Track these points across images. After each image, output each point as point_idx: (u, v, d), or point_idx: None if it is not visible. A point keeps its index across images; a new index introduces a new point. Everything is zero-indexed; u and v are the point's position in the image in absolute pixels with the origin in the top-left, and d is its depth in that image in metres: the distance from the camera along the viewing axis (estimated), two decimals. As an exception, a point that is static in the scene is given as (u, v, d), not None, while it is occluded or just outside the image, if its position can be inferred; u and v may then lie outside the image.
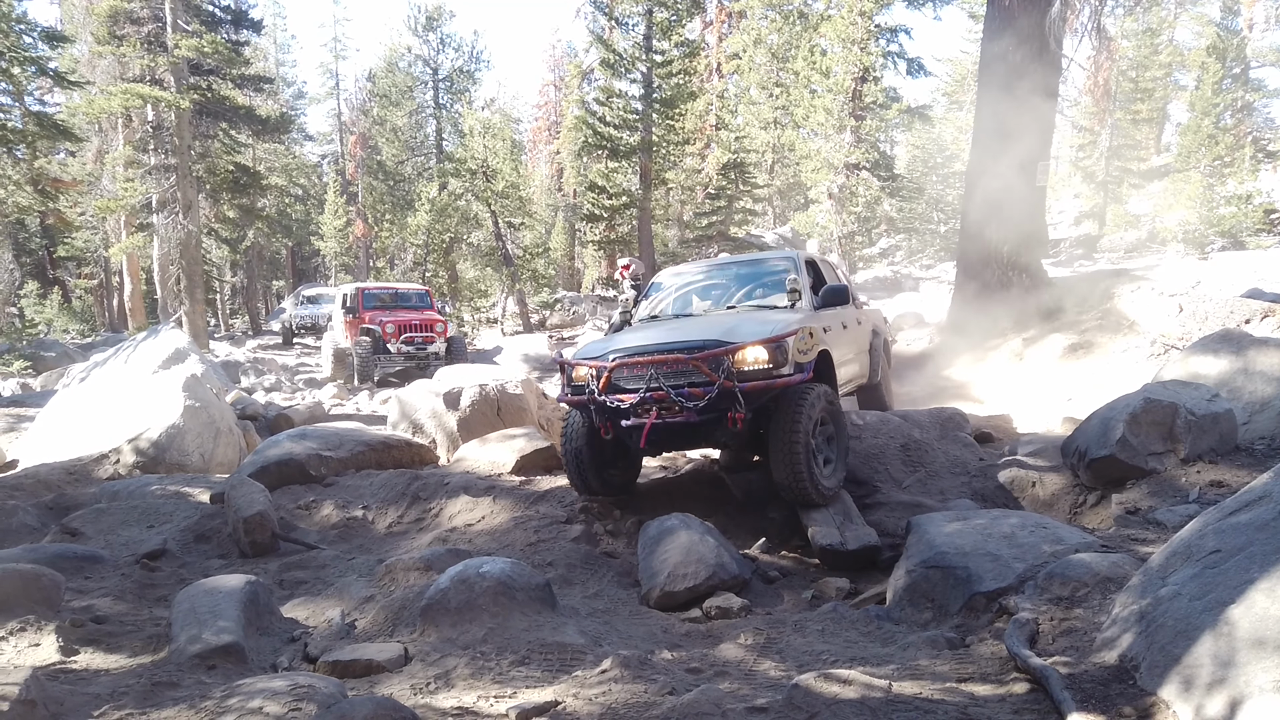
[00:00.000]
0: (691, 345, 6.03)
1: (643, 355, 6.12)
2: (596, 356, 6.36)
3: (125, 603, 5.45)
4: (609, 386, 6.15)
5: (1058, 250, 29.04)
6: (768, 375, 5.91)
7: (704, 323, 6.84)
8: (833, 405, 6.39)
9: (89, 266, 40.82)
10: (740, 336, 6.04)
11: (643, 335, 6.57)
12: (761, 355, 5.94)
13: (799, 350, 6.03)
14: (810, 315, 6.86)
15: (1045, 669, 3.34)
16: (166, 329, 13.41)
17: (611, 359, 6.17)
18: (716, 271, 8.30)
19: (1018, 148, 14.11)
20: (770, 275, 7.76)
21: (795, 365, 6.00)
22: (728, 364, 5.84)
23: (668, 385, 5.92)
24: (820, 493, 6.04)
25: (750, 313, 7.00)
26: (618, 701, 3.63)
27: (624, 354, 6.18)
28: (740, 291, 7.78)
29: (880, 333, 9.46)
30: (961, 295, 15.29)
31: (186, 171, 24.26)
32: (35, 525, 7.18)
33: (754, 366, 5.91)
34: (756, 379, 5.89)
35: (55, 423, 11.37)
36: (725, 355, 5.87)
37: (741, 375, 5.89)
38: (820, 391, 6.19)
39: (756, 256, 8.57)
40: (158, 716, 3.64)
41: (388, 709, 3.29)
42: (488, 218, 33.69)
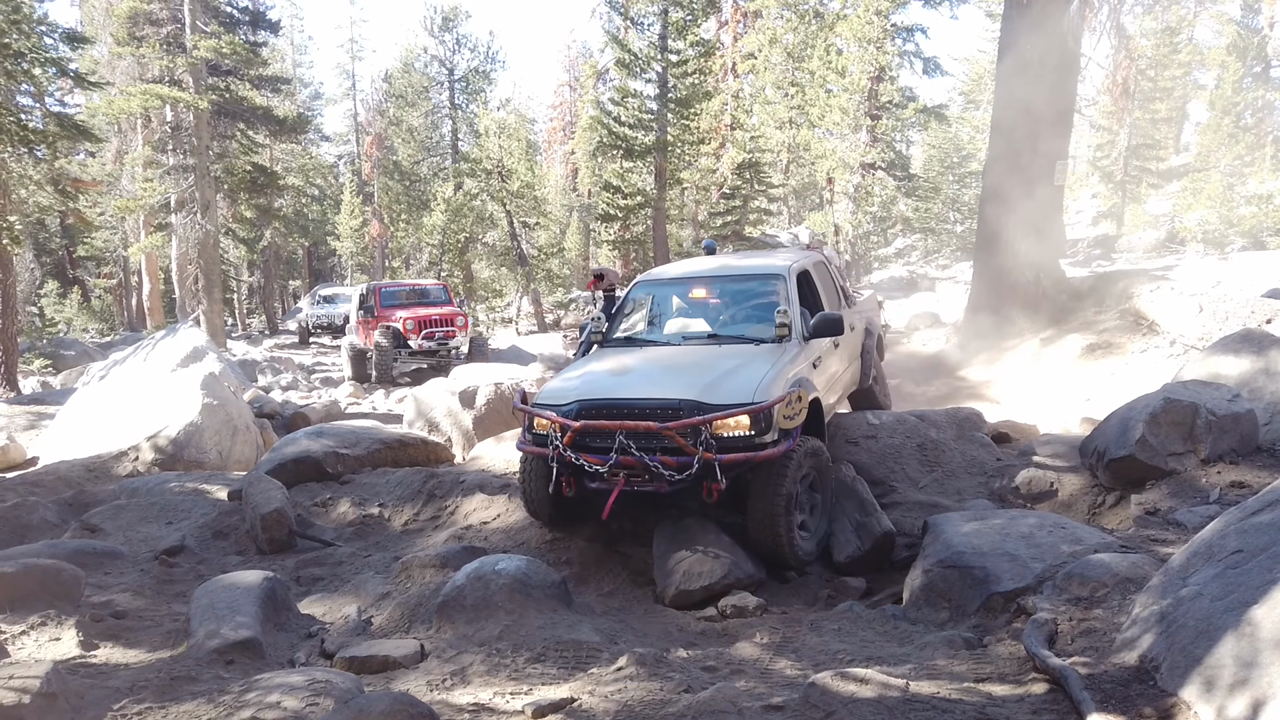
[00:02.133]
0: (666, 405, 5.44)
1: (612, 412, 5.54)
2: (561, 405, 5.75)
3: (144, 598, 5.49)
4: (576, 444, 5.58)
5: (1075, 250, 28.85)
6: (749, 445, 5.37)
7: (680, 368, 6.10)
8: (819, 461, 5.90)
9: (108, 266, 41.18)
10: (720, 396, 5.46)
11: (611, 380, 5.99)
12: (744, 422, 5.39)
13: (785, 416, 5.44)
14: (798, 353, 6.24)
15: (1064, 669, 3.32)
16: (185, 328, 13.51)
17: (578, 417, 5.59)
18: (699, 286, 7.40)
19: (1035, 147, 14.02)
20: (757, 297, 6.95)
21: (780, 433, 5.45)
22: (706, 434, 5.28)
23: (639, 452, 5.37)
24: (798, 559, 5.65)
25: (732, 355, 6.21)
26: (634, 699, 3.62)
27: (591, 406, 5.62)
28: (723, 315, 7.07)
29: (874, 330, 8.67)
30: (978, 295, 15.21)
31: (205, 171, 24.43)
32: (55, 521, 7.24)
33: (734, 433, 5.38)
34: (736, 449, 5.36)
35: (75, 420, 11.48)
36: (702, 425, 5.28)
37: (720, 443, 5.36)
38: (809, 449, 5.74)
39: (743, 270, 7.53)
40: (176, 710, 3.66)
41: (404, 705, 3.30)
42: (503, 218, 33.77)
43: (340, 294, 31.31)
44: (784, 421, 5.43)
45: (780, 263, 7.24)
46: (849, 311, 7.89)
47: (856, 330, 8.03)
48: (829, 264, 8.10)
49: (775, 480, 5.47)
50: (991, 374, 13.21)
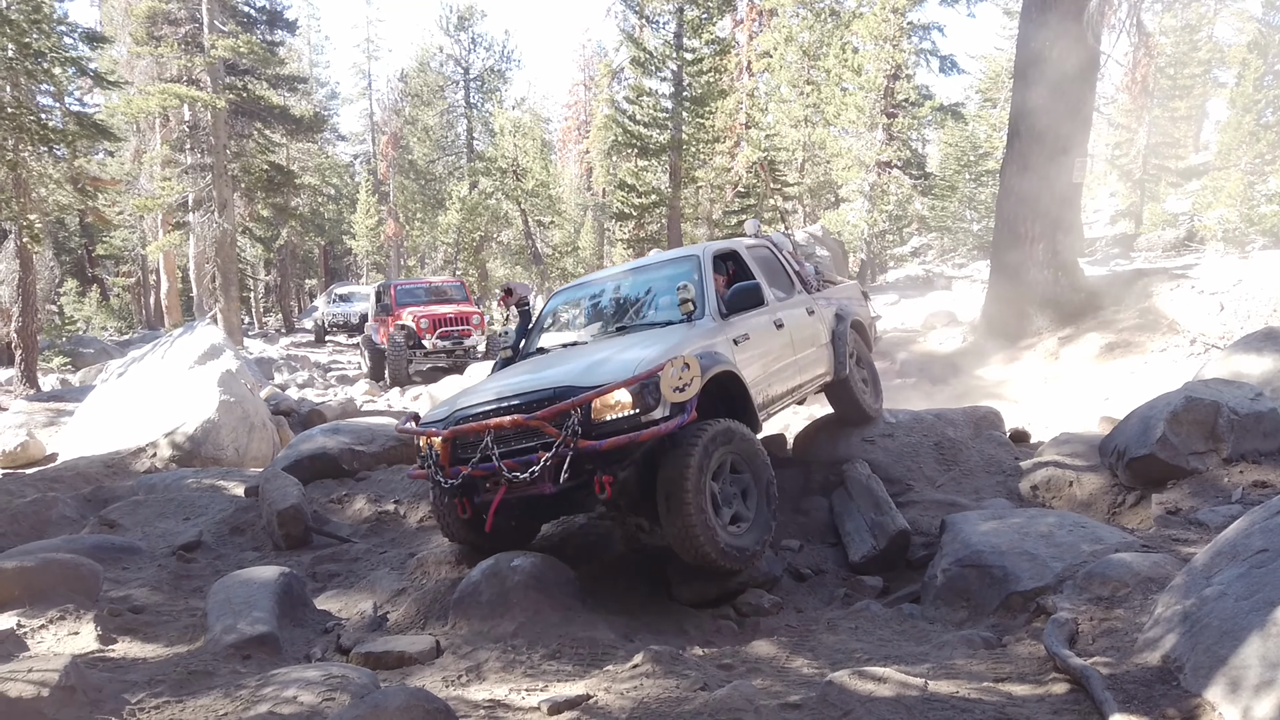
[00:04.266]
0: (538, 396, 4.92)
1: (484, 416, 5.06)
2: (438, 421, 5.33)
3: (162, 593, 5.52)
4: (452, 458, 5.12)
5: (1093, 249, 28.59)
6: (634, 425, 4.75)
7: (569, 360, 5.59)
8: (738, 443, 5.20)
9: (127, 265, 41.48)
10: (599, 377, 4.87)
11: (492, 386, 5.52)
12: (623, 400, 4.77)
13: (674, 386, 4.76)
14: (711, 330, 5.67)
15: (1086, 669, 3.28)
16: (202, 325, 13.59)
17: (447, 427, 5.17)
18: (613, 284, 6.97)
19: (1053, 145, 13.91)
20: (670, 282, 6.36)
21: (671, 407, 4.81)
22: (574, 419, 4.69)
23: (511, 452, 4.89)
24: (726, 554, 4.90)
25: (631, 339, 5.72)
26: (650, 696, 3.61)
27: (465, 415, 5.16)
28: (635, 307, 6.56)
29: (848, 316, 7.77)
30: (995, 294, 15.11)
31: (222, 170, 24.57)
32: (74, 517, 7.29)
33: (616, 415, 4.78)
34: (618, 431, 4.74)
35: (94, 417, 11.56)
36: (571, 409, 4.70)
37: (600, 428, 4.77)
38: (718, 432, 5.03)
39: (658, 259, 7.11)
40: (194, 705, 3.67)
41: (420, 700, 3.30)
42: (518, 216, 33.85)
43: (356, 293, 31.40)
44: (672, 394, 4.75)
45: (694, 248, 6.78)
46: (806, 297, 7.32)
47: (821, 315, 7.36)
48: (776, 249, 7.52)
49: (679, 468, 4.78)
50: (1009, 373, 13.12)
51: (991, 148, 32.36)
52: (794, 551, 6.20)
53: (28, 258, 17.81)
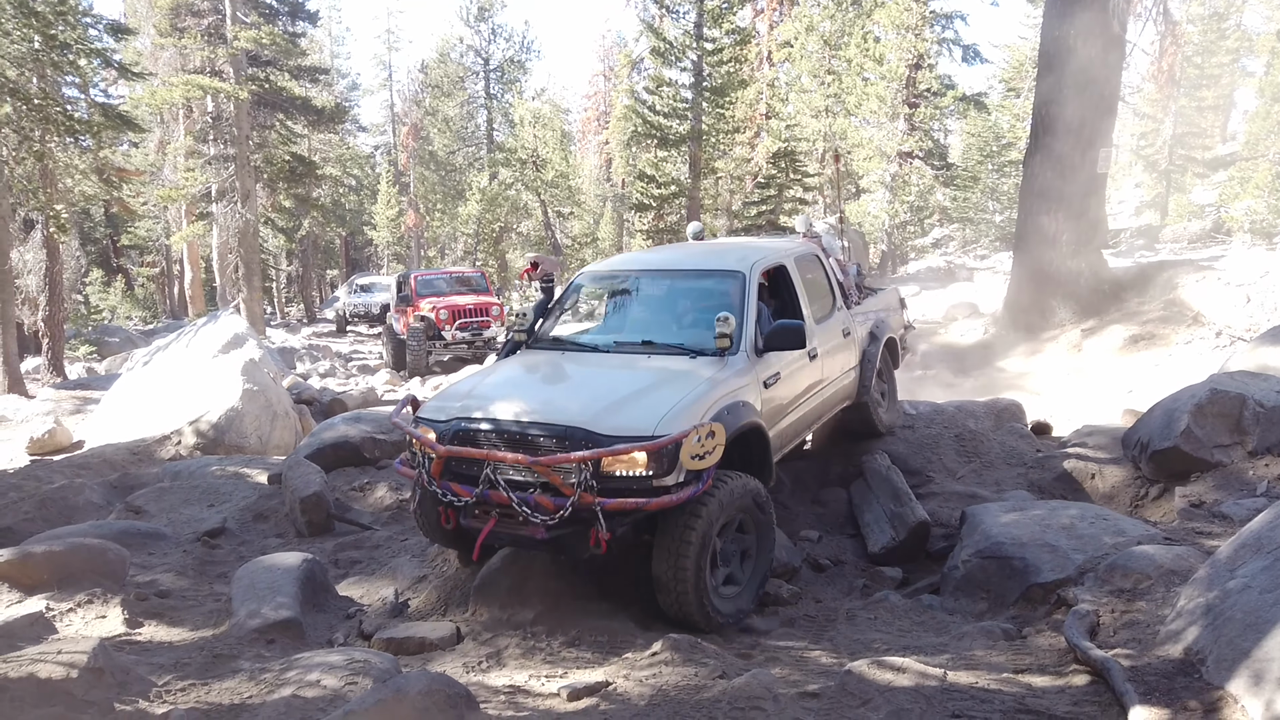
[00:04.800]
0: (551, 431, 4.47)
1: (488, 436, 4.65)
2: (440, 422, 4.86)
3: (187, 578, 5.60)
4: (445, 471, 4.74)
5: (1118, 241, 28.31)
6: (644, 489, 4.31)
7: (587, 383, 5.20)
8: (751, 502, 4.78)
9: (151, 255, 41.91)
10: (617, 424, 4.40)
11: (503, 394, 5.00)
12: (639, 460, 4.31)
13: (694, 454, 4.31)
14: (742, 370, 5.12)
15: (1107, 661, 3.27)
16: (226, 314, 13.71)
17: (453, 439, 4.71)
18: (647, 281, 6.31)
19: (1078, 135, 13.77)
20: (708, 299, 5.72)
21: (686, 474, 4.37)
22: (587, 473, 4.26)
23: (508, 488, 4.46)
24: (712, 622, 4.54)
25: (657, 370, 5.15)
26: (669, 684, 3.63)
27: (468, 429, 4.72)
28: (666, 318, 5.94)
29: (882, 335, 7.22)
30: (1018, 285, 14.99)
31: (245, 161, 24.74)
32: (101, 503, 7.39)
33: (627, 472, 4.33)
34: (627, 494, 4.30)
35: (120, 405, 11.71)
36: (585, 462, 4.26)
37: (608, 485, 4.31)
38: (735, 492, 4.63)
39: (697, 265, 6.31)
40: (219, 687, 3.72)
41: (441, 685, 3.33)
42: (537, 207, 33.88)
43: (377, 283, 31.56)
44: (691, 462, 4.32)
45: (742, 259, 5.92)
46: (846, 315, 6.78)
47: (855, 336, 6.83)
48: (824, 257, 6.91)
49: (684, 530, 4.41)
50: (1031, 365, 13.03)
51: (1015, 138, 32.03)
52: (813, 543, 6.20)
53: (54, 247, 18.04)
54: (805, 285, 6.22)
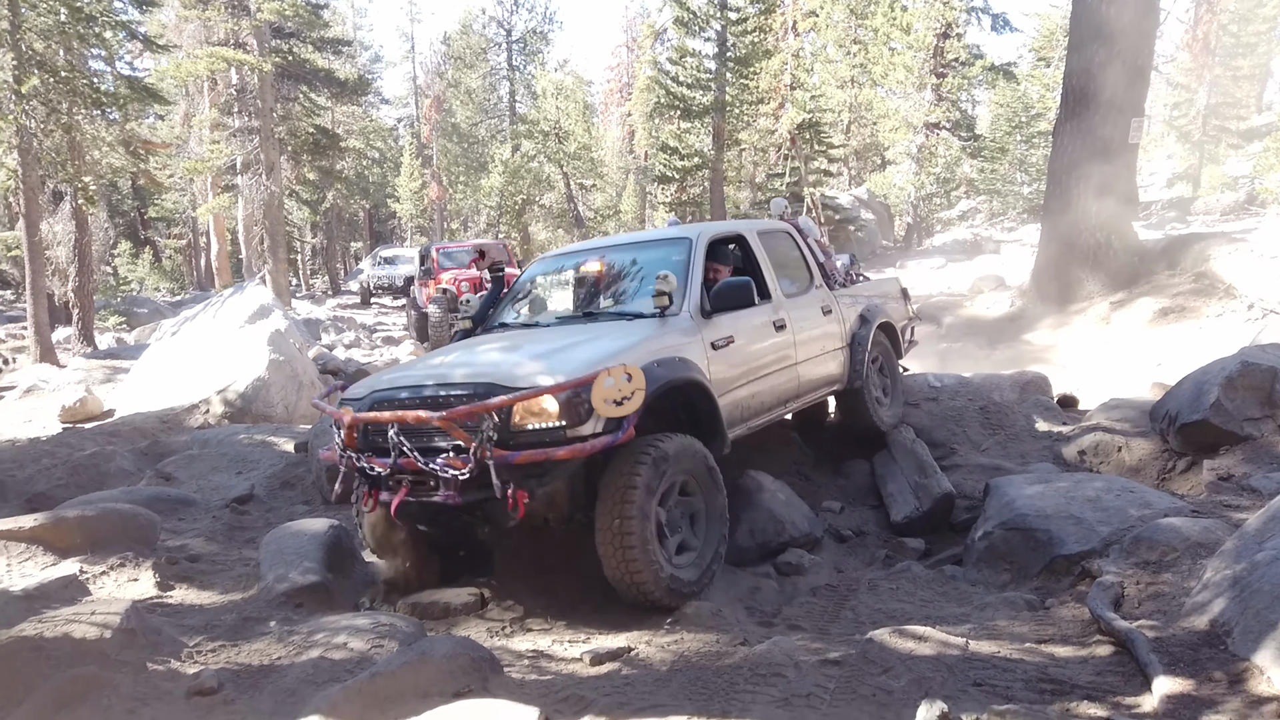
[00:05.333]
0: (461, 392, 4.28)
1: (399, 403, 4.46)
2: (357, 399, 4.72)
3: (216, 543, 5.69)
4: (361, 444, 4.51)
5: (1148, 213, 27.86)
6: (557, 439, 4.10)
7: (513, 349, 4.95)
8: (695, 463, 4.58)
9: (178, 227, 42.29)
10: (527, 378, 4.22)
11: (425, 368, 4.87)
12: (549, 408, 4.10)
13: (608, 399, 4.07)
14: (685, 329, 4.97)
15: (1131, 632, 3.25)
16: (252, 285, 13.83)
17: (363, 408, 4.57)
18: (595, 258, 6.14)
19: (1109, 105, 13.51)
20: (656, 267, 5.51)
21: (605, 422, 4.14)
22: (490, 425, 4.05)
23: (422, 449, 4.19)
24: (669, 591, 4.27)
25: (589, 332, 5.08)
26: (690, 650, 3.66)
27: (382, 399, 4.57)
28: (610, 291, 5.86)
29: (874, 318, 6.91)
30: (1046, 257, 14.79)
31: (269, 134, 24.81)
32: (132, 470, 7.51)
33: (538, 424, 4.12)
34: (539, 444, 4.09)
35: (149, 374, 11.86)
36: (486, 412, 4.04)
37: (519, 438, 4.12)
38: (672, 451, 4.40)
39: (649, 237, 6.33)
40: (248, 648, 3.79)
41: (466, 649, 3.38)
42: (560, 180, 33.76)
43: (400, 255, 31.66)
44: (606, 408, 4.07)
45: (692, 230, 5.87)
46: (825, 293, 6.58)
47: (840, 315, 6.60)
48: (799, 235, 6.73)
49: (622, 489, 4.18)
50: (1058, 338, 12.89)
51: (1044, 108, 31.51)
52: (835, 513, 6.21)
53: (83, 219, 18.22)
54: (773, 259, 6.14)
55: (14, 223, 21.54)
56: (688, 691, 3.09)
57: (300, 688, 3.25)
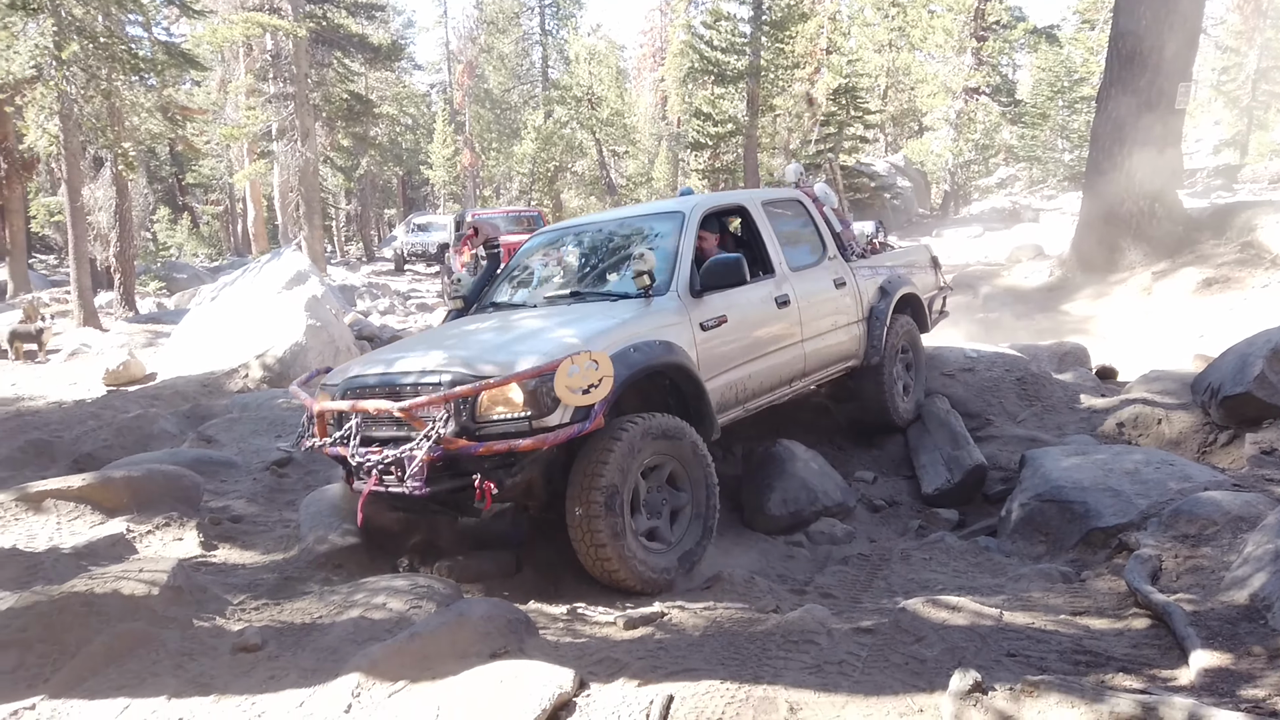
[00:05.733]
0: (423, 379, 4.20)
1: (368, 392, 4.40)
2: (335, 385, 4.65)
3: (257, 505, 5.81)
4: (330, 433, 4.45)
5: (1194, 181, 27.20)
6: (522, 430, 3.98)
7: (488, 334, 4.84)
8: (676, 447, 4.42)
9: (215, 193, 42.75)
10: (494, 366, 4.10)
11: (400, 353, 4.71)
12: (514, 398, 3.98)
13: (572, 388, 3.91)
14: (668, 310, 4.79)
15: (1169, 605, 3.23)
16: (289, 251, 13.97)
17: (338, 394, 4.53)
18: (587, 236, 6.07)
19: (1156, 69, 13.16)
20: (645, 243, 5.39)
21: (573, 411, 4.03)
22: (444, 415, 3.97)
23: (391, 439, 4.19)
24: (640, 576, 4.18)
25: (568, 314, 4.91)
26: (723, 616, 3.68)
27: (355, 386, 4.51)
28: (599, 268, 5.71)
29: (895, 290, 6.62)
30: (1087, 226, 14.53)
31: (304, 100, 24.89)
32: (174, 432, 7.67)
33: (504, 414, 4.01)
34: (501, 436, 3.98)
35: (189, 338, 12.06)
36: (445, 402, 3.96)
37: (486, 428, 4.01)
38: (654, 429, 4.28)
39: (641, 211, 6.10)
40: (290, 607, 3.88)
41: (502, 610, 3.44)
42: (592, 146, 33.58)
43: (434, 222, 31.77)
44: (571, 397, 3.93)
45: (686, 203, 5.60)
46: (840, 264, 6.33)
47: (855, 288, 6.34)
48: (813, 204, 6.47)
49: (592, 471, 4.09)
50: (1097, 308, 12.69)
51: (1088, 73, 30.77)
52: (868, 483, 6.21)
53: (123, 185, 18.48)
54: (778, 231, 5.92)
55: (56, 188, 21.87)
56: (720, 656, 3.12)
57: (341, 646, 3.32)
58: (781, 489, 5.51)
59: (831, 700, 2.73)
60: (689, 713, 2.66)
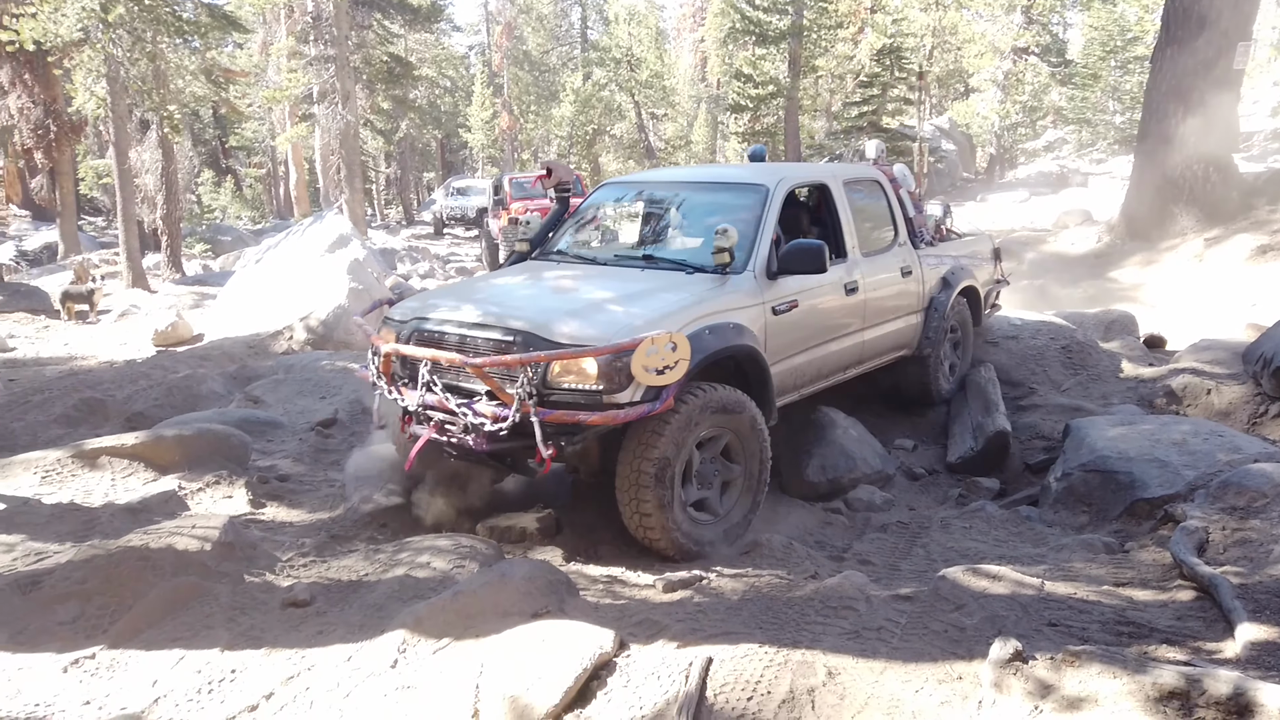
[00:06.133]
0: (499, 336, 4.15)
1: (437, 338, 4.37)
2: (402, 324, 4.64)
3: (303, 464, 5.92)
4: (397, 373, 4.51)
5: (1250, 144, 26.33)
6: (592, 403, 3.95)
7: (562, 293, 4.78)
8: (735, 420, 4.37)
9: (257, 156, 43.14)
10: (569, 333, 4.05)
11: (472, 300, 4.66)
12: (587, 371, 3.94)
13: (649, 368, 3.86)
14: (744, 292, 4.68)
15: (1215, 577, 3.20)
16: (331, 214, 14.10)
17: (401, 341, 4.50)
18: (663, 193, 5.89)
19: (1213, 27, 12.72)
20: (725, 214, 5.17)
21: (644, 390, 3.95)
22: (527, 379, 3.92)
23: (454, 388, 4.22)
24: (683, 551, 4.17)
25: (643, 282, 4.76)
26: (761, 581, 3.71)
27: (423, 330, 4.47)
28: (674, 233, 5.57)
29: (957, 282, 6.50)
30: (1138, 191, 14.18)
31: (344, 62, 24.94)
32: (222, 392, 7.83)
33: (575, 385, 3.96)
34: (571, 407, 3.96)
35: (235, 300, 12.27)
36: (523, 365, 3.92)
37: (554, 394, 3.98)
38: (716, 401, 4.24)
39: (723, 178, 6.00)
40: (337, 565, 3.98)
41: (543, 571, 3.49)
42: (631, 109, 33.30)
43: (472, 186, 31.78)
44: (646, 376, 3.88)
45: (772, 174, 5.41)
46: (909, 252, 6.17)
47: (920, 277, 6.22)
48: (890, 186, 6.27)
49: (646, 440, 4.05)
50: (1147, 276, 12.43)
51: (1142, 32, 29.80)
52: (908, 451, 6.17)
53: (169, 147, 18.71)
54: (855, 212, 5.73)
55: (104, 151, 22.24)
56: (759, 620, 3.15)
57: (387, 603, 3.40)
58: (820, 456, 5.50)
59: (870, 666, 2.75)
60: (728, 675, 2.69)
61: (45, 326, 13.27)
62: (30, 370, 9.96)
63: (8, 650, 3.14)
